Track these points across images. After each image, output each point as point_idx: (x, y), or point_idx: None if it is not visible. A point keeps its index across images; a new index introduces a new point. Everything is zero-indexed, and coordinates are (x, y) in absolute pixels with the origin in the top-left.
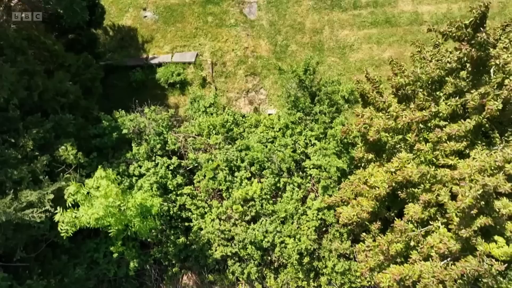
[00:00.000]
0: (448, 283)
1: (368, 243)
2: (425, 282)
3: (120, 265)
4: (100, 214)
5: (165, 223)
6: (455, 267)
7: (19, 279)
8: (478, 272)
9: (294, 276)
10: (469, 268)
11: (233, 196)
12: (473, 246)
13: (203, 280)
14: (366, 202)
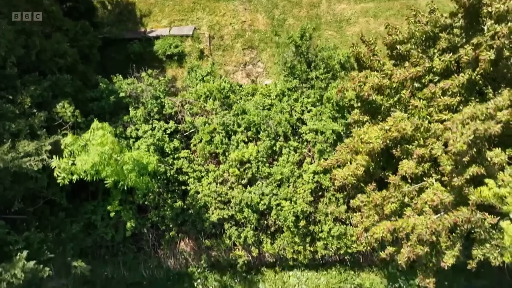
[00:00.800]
0: (442, 234)
1: (362, 199)
2: (419, 232)
3: (118, 229)
4: (95, 160)
5: (162, 187)
6: (447, 216)
7: (16, 230)
8: (470, 222)
9: (291, 241)
10: (462, 217)
11: (230, 158)
12: (466, 197)
13: (200, 246)
14: (360, 157)
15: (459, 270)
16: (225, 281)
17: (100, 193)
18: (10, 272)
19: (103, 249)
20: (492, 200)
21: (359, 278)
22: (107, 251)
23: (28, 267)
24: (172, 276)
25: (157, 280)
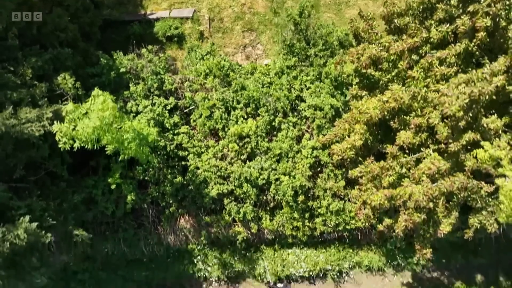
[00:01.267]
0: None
1: (360, 169)
2: (416, 198)
3: (118, 205)
4: (96, 124)
5: (162, 162)
6: (444, 181)
7: (18, 198)
8: (467, 189)
9: (290, 217)
10: (458, 182)
11: (229, 133)
12: (462, 164)
13: (199, 222)
14: (359, 126)
15: (457, 247)
16: (224, 258)
17: (101, 169)
18: (13, 233)
19: (104, 226)
20: (488, 162)
21: (358, 256)
22: (107, 227)
23: (31, 228)
24: (172, 253)
25: (157, 257)
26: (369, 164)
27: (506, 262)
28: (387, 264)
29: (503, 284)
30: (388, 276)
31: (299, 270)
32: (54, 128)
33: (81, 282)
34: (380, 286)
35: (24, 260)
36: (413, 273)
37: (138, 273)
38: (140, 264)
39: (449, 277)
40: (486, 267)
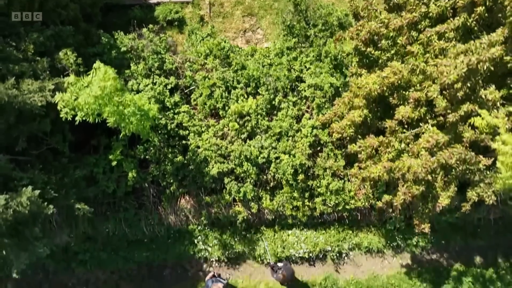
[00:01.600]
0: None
1: (360, 143)
2: (414, 170)
3: (119, 184)
4: (98, 93)
5: (163, 141)
6: (442, 152)
7: (21, 170)
8: (465, 162)
9: (290, 197)
10: (456, 152)
11: (230, 111)
12: (460, 136)
13: (200, 202)
14: (358, 100)
15: (456, 229)
16: (225, 239)
17: (102, 148)
18: (16, 200)
19: (105, 206)
20: (485, 130)
21: (357, 237)
22: (108, 208)
23: (34, 196)
24: (173, 233)
25: (157, 237)
26: (369, 139)
27: (505, 244)
28: (387, 246)
29: (502, 265)
30: (388, 258)
31: (299, 251)
32: (56, 97)
33: (82, 262)
34: (379, 268)
35: (26, 230)
36: (412, 255)
37: (139, 253)
38: (141, 244)
39: (448, 259)
40: (485, 249)
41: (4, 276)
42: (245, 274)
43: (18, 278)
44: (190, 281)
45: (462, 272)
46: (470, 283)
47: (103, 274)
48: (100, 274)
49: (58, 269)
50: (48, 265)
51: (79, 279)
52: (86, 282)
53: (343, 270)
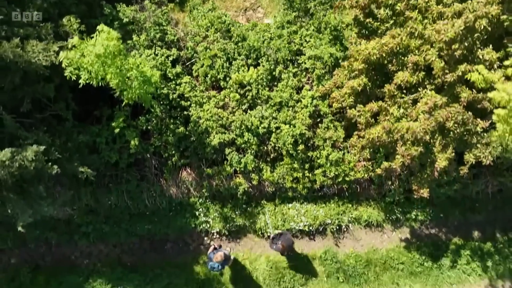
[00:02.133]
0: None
1: (359, 108)
2: (413, 130)
3: (122, 155)
4: (101, 51)
5: (165, 112)
6: (441, 111)
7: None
8: (463, 122)
9: (290, 168)
10: (454, 111)
11: (231, 81)
12: (457, 97)
13: (201, 174)
14: (357, 63)
15: (455, 204)
16: (226, 212)
17: (105, 119)
18: (22, 155)
19: (107, 178)
20: (481, 85)
21: (357, 211)
22: (111, 180)
23: (39, 151)
24: (174, 206)
25: (159, 210)
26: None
27: (503, 219)
28: (386, 220)
29: (500, 239)
30: (387, 232)
31: (299, 224)
32: (61, 55)
33: (85, 234)
34: (379, 242)
35: (31, 188)
36: (412, 229)
37: (141, 226)
38: (143, 217)
39: (446, 233)
40: (483, 224)
41: (7, 247)
42: (246, 248)
43: (21, 250)
44: (191, 255)
45: (460, 246)
46: (468, 257)
47: (105, 247)
48: (102, 247)
49: (61, 242)
50: (51, 238)
51: (81, 252)
52: (88, 255)
53: (343, 244)
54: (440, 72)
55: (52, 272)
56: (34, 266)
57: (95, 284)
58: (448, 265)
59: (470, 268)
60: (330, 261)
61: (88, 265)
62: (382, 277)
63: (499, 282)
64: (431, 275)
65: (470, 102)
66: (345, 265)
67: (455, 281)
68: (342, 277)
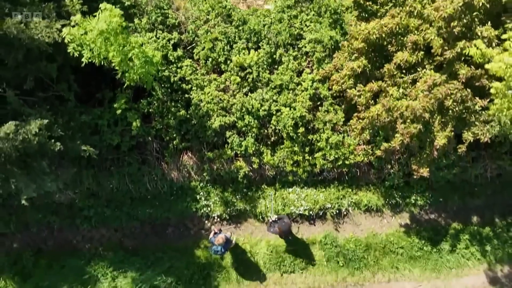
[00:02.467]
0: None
1: (359, 88)
2: (412, 107)
3: (123, 138)
4: (103, 27)
5: (166, 95)
6: (439, 88)
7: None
8: (462, 100)
9: (290, 151)
10: (453, 87)
11: (231, 64)
12: (456, 74)
13: (202, 158)
14: (357, 42)
15: (454, 188)
16: (226, 196)
17: (107, 101)
18: (25, 128)
19: (109, 161)
20: (479, 60)
21: (357, 195)
22: (112, 163)
23: (43, 124)
24: (176, 190)
25: (160, 194)
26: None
27: (502, 203)
28: (386, 204)
29: (499, 224)
30: (387, 217)
31: (300, 208)
32: (64, 31)
33: (87, 218)
34: (378, 227)
35: (35, 163)
36: (411, 215)
37: (142, 210)
38: (144, 201)
39: (446, 218)
40: (482, 208)
41: (10, 233)
42: (247, 233)
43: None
44: (192, 239)
45: (459, 230)
46: (467, 241)
47: (107, 231)
48: (104, 231)
49: (63, 226)
50: (53, 222)
51: (83, 236)
52: (90, 239)
53: (343, 229)
54: (439, 50)
55: (54, 255)
56: (36, 250)
57: (96, 267)
58: (447, 250)
59: (469, 253)
60: (330, 246)
61: (90, 249)
62: (382, 261)
63: (497, 266)
64: (430, 259)
65: (468, 79)
66: (345, 249)
67: (454, 265)
68: (342, 261)
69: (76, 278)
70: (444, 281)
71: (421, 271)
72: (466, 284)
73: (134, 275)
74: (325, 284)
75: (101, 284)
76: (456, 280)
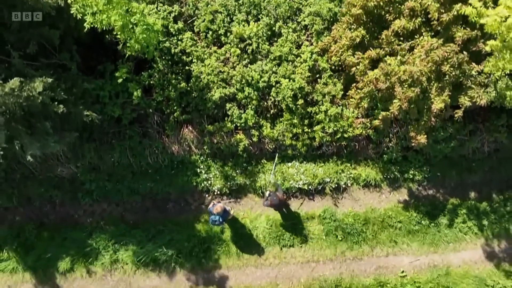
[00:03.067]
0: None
1: (358, 55)
2: (410, 70)
3: (125, 110)
4: None
5: (167, 67)
6: (436, 51)
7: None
8: (459, 64)
9: (289, 124)
10: (450, 50)
11: (231, 36)
12: (453, 37)
13: (202, 131)
14: (355, 9)
15: (452, 164)
16: (226, 170)
17: (108, 74)
18: (30, 85)
19: (110, 135)
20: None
21: (355, 170)
22: (114, 137)
23: (47, 82)
24: (176, 164)
25: (161, 168)
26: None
27: (499, 179)
28: (384, 179)
29: (496, 199)
30: (385, 193)
31: (299, 182)
32: None
33: (89, 192)
34: (377, 202)
35: (39, 124)
36: (409, 190)
37: (144, 184)
38: (145, 175)
39: (444, 194)
40: (480, 185)
41: (12, 207)
42: (246, 208)
43: (26, 209)
44: (192, 213)
45: (457, 205)
46: (465, 215)
47: (108, 205)
48: (105, 205)
49: (64, 200)
50: (55, 197)
51: (85, 211)
52: (91, 214)
53: (342, 204)
54: (435, 14)
55: (56, 228)
56: (38, 224)
57: (98, 240)
58: (445, 224)
59: (467, 227)
60: (329, 220)
61: (91, 223)
62: (380, 235)
63: (494, 240)
64: (428, 233)
65: (465, 42)
66: (343, 224)
67: (452, 239)
68: (340, 235)
69: (78, 251)
70: (442, 255)
71: (419, 245)
72: (463, 258)
73: (135, 248)
74: (324, 258)
75: (103, 256)
76: (453, 254)
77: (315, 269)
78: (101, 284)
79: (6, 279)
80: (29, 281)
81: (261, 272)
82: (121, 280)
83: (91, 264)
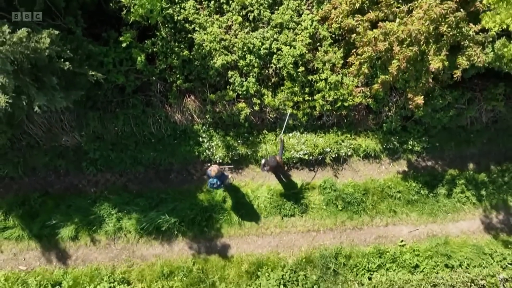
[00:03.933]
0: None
1: (357, 18)
2: (409, 28)
3: (128, 77)
4: None
5: (170, 35)
6: (434, 8)
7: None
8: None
9: (290, 92)
10: (447, 7)
11: (233, 3)
12: None
13: (204, 101)
14: None
15: (450, 136)
16: (228, 140)
17: (112, 41)
18: (37, 36)
19: (114, 104)
20: None
21: (355, 141)
22: (117, 106)
23: (54, 34)
24: (179, 133)
25: (164, 138)
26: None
27: (497, 151)
28: (383, 150)
29: (494, 170)
30: (384, 164)
31: (299, 152)
32: None
33: (92, 161)
34: (376, 173)
35: (45, 78)
36: (408, 162)
37: (147, 153)
38: (148, 145)
39: (442, 165)
40: (478, 156)
41: (17, 177)
42: (248, 178)
43: (30, 179)
44: (195, 184)
45: (455, 176)
46: (463, 186)
47: (111, 175)
48: (109, 175)
49: (69, 170)
50: (59, 167)
51: (89, 181)
52: (95, 184)
53: (342, 175)
54: None
55: (61, 197)
56: (43, 193)
57: (102, 208)
58: (444, 194)
59: (465, 197)
60: (329, 190)
61: (95, 193)
62: (380, 205)
63: (493, 211)
64: (427, 203)
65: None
66: (343, 193)
67: (450, 209)
68: (340, 204)
69: (82, 219)
70: (441, 225)
71: (418, 215)
72: (461, 228)
73: (138, 216)
74: (324, 227)
75: (106, 224)
76: (452, 224)
77: (316, 238)
78: (105, 252)
79: (12, 246)
80: (34, 248)
81: (262, 241)
82: (125, 248)
83: (95, 232)
